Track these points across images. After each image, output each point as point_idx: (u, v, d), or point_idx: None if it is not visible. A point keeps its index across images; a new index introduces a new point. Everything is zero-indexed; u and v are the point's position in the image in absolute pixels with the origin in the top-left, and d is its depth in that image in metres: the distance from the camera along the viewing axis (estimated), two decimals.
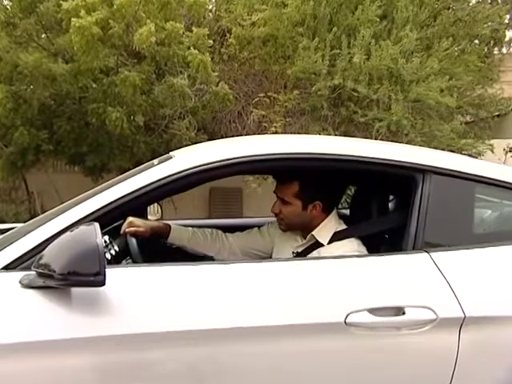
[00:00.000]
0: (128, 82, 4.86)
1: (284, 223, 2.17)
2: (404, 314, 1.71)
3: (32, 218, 2.22)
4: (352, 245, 2.04)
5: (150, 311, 1.64)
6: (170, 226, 2.27)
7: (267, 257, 2.28)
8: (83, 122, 5.45)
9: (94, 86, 5.16)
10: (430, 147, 5.08)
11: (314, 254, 2.07)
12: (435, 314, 1.72)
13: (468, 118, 6.68)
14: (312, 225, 2.13)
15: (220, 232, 2.35)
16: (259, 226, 2.40)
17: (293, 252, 2.17)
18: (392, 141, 5.23)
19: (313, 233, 2.12)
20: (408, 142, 5.36)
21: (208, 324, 1.64)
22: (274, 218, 2.44)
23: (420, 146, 5.04)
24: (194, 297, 1.68)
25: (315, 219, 2.13)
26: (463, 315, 1.72)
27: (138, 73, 4.99)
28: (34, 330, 1.57)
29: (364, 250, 2.03)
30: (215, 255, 2.29)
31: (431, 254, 1.81)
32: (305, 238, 2.17)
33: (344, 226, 2.15)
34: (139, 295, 1.66)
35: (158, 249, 2.23)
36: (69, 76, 5.09)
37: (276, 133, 5.23)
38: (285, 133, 5.35)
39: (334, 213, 2.18)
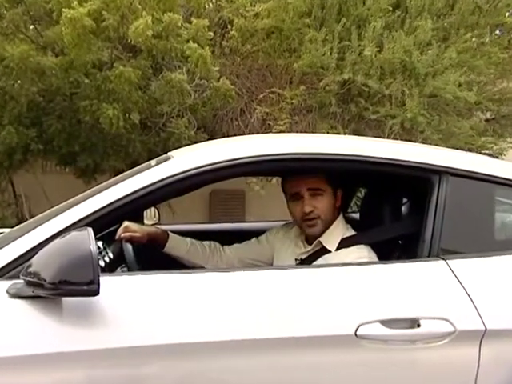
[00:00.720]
0: (123, 77, 4.88)
1: (320, 221, 2.10)
2: (419, 326, 1.71)
3: (20, 223, 2.23)
4: (361, 251, 2.04)
5: (147, 322, 1.64)
6: (167, 234, 2.27)
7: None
8: (75, 119, 5.46)
9: (87, 81, 5.17)
10: (446, 146, 5.09)
11: (320, 261, 2.07)
12: (453, 326, 1.72)
13: (488, 115, 6.66)
14: (327, 226, 2.12)
15: (218, 245, 2.36)
16: (262, 232, 2.40)
17: (296, 259, 2.17)
18: (406, 139, 5.24)
19: (320, 239, 2.12)
20: (423, 141, 5.36)
21: (208, 336, 1.64)
22: (279, 222, 2.45)
23: (436, 144, 5.04)
24: (193, 307, 1.68)
25: (334, 217, 2.13)
26: (484, 328, 1.72)
27: (133, 67, 5.00)
28: (23, 343, 1.57)
29: (374, 257, 2.03)
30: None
31: (448, 261, 1.81)
32: (309, 244, 2.17)
33: (352, 232, 2.15)
34: (135, 305, 1.67)
35: (155, 256, 2.23)
36: (59, 70, 5.10)
37: (281, 132, 5.24)
38: (291, 132, 5.36)
39: (341, 217, 2.18)
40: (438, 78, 5.49)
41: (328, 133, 5.41)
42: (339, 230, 2.14)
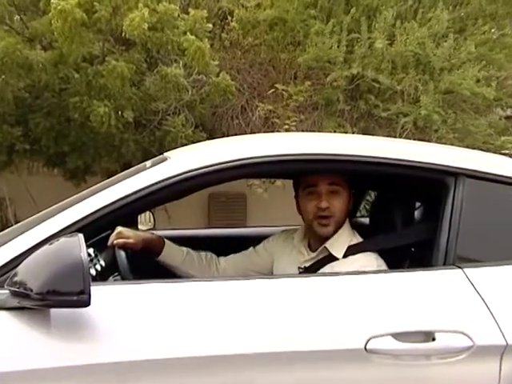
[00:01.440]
0: (115, 72, 4.88)
1: (334, 222, 2.11)
2: (434, 340, 1.71)
3: (4, 228, 2.23)
4: (371, 259, 2.04)
5: (141, 336, 1.64)
6: (163, 241, 2.28)
7: None
8: (64, 117, 5.47)
9: (77, 76, 5.18)
10: (463, 145, 5.09)
11: (326, 269, 2.07)
12: (471, 340, 1.71)
13: (509, 112, 6.66)
14: (340, 224, 2.13)
15: (214, 256, 2.36)
16: (265, 238, 2.40)
17: (299, 267, 2.17)
18: (419, 139, 5.23)
19: (325, 244, 2.12)
20: (438, 140, 5.36)
21: (205, 351, 1.64)
22: (284, 228, 2.45)
23: (452, 144, 5.04)
24: (190, 319, 1.68)
25: (343, 222, 2.14)
26: (505, 343, 1.72)
27: (126, 62, 5.01)
28: (8, 358, 1.57)
29: (383, 265, 2.03)
30: None
31: (465, 270, 1.81)
32: (313, 251, 2.17)
33: (359, 238, 2.16)
34: (129, 317, 1.67)
35: (150, 264, 2.24)
36: (47, 65, 5.11)
37: (288, 130, 5.24)
38: (295, 130, 5.36)
39: (347, 222, 2.18)
40: (454, 73, 5.49)
41: (335, 131, 5.41)
42: (346, 236, 2.14)
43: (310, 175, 2.12)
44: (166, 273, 2.23)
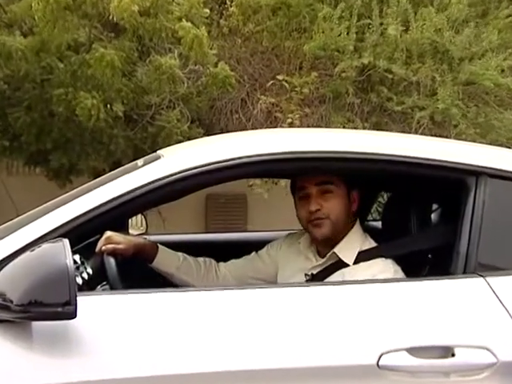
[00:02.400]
0: (103, 61, 4.88)
1: (329, 222, 2.11)
2: (454, 355, 1.71)
3: None
4: (385, 265, 2.04)
5: (132, 351, 1.64)
6: (156, 246, 2.28)
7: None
8: (46, 111, 5.47)
9: (61, 65, 5.18)
10: (485, 142, 5.08)
11: (336, 276, 2.07)
12: (494, 356, 1.71)
13: None
14: (340, 232, 2.13)
15: (213, 261, 2.37)
16: (267, 243, 2.41)
17: (306, 275, 2.17)
18: (437, 135, 5.23)
19: (334, 250, 2.12)
20: (457, 136, 5.36)
21: (204, 367, 1.64)
22: (289, 231, 2.45)
23: (473, 140, 5.04)
24: (187, 332, 1.68)
25: (347, 223, 2.14)
26: None
27: (116, 50, 5.01)
28: None
29: (400, 272, 2.03)
30: None
31: (487, 278, 1.81)
32: (321, 257, 2.17)
33: (372, 243, 2.16)
34: (119, 330, 1.67)
35: (142, 271, 2.24)
36: (28, 53, 5.11)
37: (293, 126, 5.24)
38: (301, 126, 5.36)
39: (358, 225, 2.19)
40: (475, 62, 5.49)
41: (344, 127, 5.42)
42: (356, 240, 2.14)
43: (299, 178, 2.13)
44: (160, 281, 2.23)
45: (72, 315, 1.54)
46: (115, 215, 1.81)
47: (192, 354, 1.65)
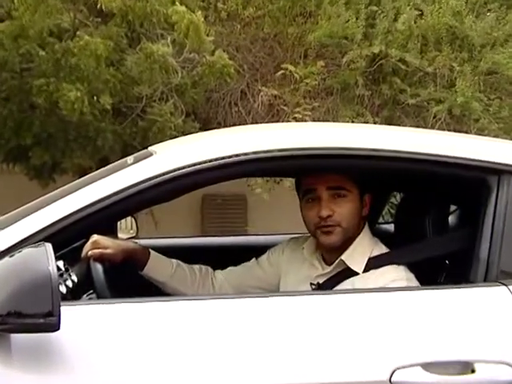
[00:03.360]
0: (89, 49, 4.89)
1: (340, 229, 2.11)
2: (474, 371, 1.70)
3: None
4: (397, 273, 2.04)
5: (121, 366, 1.64)
6: (148, 252, 2.28)
7: None
8: (26, 103, 5.48)
9: (42, 53, 5.18)
10: (509, 138, 5.07)
11: (345, 285, 2.07)
12: None
13: None
14: (349, 238, 2.14)
15: (210, 269, 2.37)
16: (269, 248, 2.41)
17: (312, 284, 2.17)
18: (455, 130, 5.24)
19: (342, 257, 2.12)
20: (479, 131, 5.36)
21: None
22: (292, 235, 2.45)
23: (496, 136, 5.04)
24: (182, 346, 1.68)
25: (357, 228, 2.14)
26: None
27: (102, 37, 5.02)
28: None
29: (413, 279, 2.03)
30: None
31: (510, 287, 1.80)
32: (327, 264, 2.17)
33: (383, 248, 2.16)
34: (106, 344, 1.66)
35: (132, 279, 2.24)
36: (6, 39, 5.11)
37: (297, 120, 5.24)
38: (306, 120, 5.37)
39: (367, 230, 2.19)
40: (497, 50, 5.49)
41: (353, 121, 5.42)
42: (366, 246, 2.14)
43: (307, 178, 2.13)
44: (152, 290, 2.23)
45: (55, 327, 1.54)
46: (103, 217, 1.81)
47: (186, 370, 1.65)
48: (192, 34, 4.95)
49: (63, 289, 1.93)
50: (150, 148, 2.15)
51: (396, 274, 2.03)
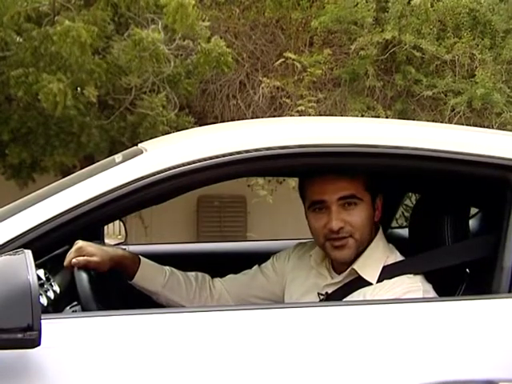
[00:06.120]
0: (70, 36, 4.88)
1: (353, 241, 2.10)
2: None
3: None
4: (412, 283, 2.03)
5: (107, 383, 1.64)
6: (138, 259, 2.28)
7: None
8: (3, 96, 5.48)
9: (19, 40, 5.18)
10: None
11: (357, 296, 2.07)
12: None
13: None
14: (364, 243, 2.14)
15: (207, 277, 2.36)
16: (271, 255, 2.41)
17: (319, 294, 2.17)
18: (475, 124, 5.24)
19: (354, 266, 2.12)
20: (501, 127, 5.37)
21: None
22: (297, 241, 2.45)
23: None
24: (176, 363, 1.68)
25: (370, 235, 2.14)
26: None
27: (86, 22, 5.02)
28: None
29: (431, 291, 2.03)
30: None
31: None
32: (337, 273, 2.17)
33: (398, 256, 2.16)
34: (91, 360, 1.66)
35: (121, 289, 2.24)
36: None
37: (302, 114, 5.25)
38: (312, 113, 5.37)
39: (381, 235, 2.19)
40: None
41: (363, 115, 5.43)
42: (380, 253, 2.14)
43: (314, 185, 2.12)
44: (143, 301, 2.23)
45: (35, 343, 1.53)
46: (88, 221, 1.81)
47: None
48: (181, 19, 4.93)
49: (44, 300, 1.94)
50: (139, 145, 2.16)
51: (411, 285, 2.03)
